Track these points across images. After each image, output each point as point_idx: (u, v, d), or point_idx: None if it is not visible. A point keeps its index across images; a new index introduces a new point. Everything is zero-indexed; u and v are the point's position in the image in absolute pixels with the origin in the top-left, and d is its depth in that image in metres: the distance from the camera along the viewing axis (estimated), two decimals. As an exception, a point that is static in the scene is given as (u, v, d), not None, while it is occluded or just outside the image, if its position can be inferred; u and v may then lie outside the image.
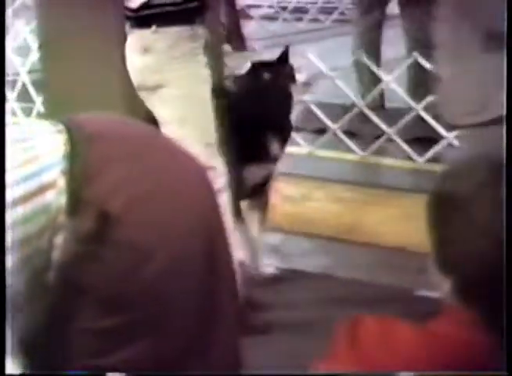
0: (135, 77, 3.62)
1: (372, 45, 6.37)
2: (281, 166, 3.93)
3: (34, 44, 6.51)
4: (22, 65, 6.89)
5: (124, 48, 3.73)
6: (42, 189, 1.66)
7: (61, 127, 1.72)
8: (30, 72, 6.74)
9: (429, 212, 1.51)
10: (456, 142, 4.68)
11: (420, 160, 5.41)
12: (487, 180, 1.45)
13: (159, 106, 3.59)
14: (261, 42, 6.94)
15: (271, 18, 10.85)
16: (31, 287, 1.74)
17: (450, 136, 5.11)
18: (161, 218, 1.73)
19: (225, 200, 3.50)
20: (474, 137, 3.53)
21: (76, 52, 4.85)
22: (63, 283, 1.77)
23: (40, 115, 6.20)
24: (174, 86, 3.59)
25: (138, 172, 1.72)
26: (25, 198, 1.65)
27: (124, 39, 3.78)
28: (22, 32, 6.99)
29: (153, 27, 3.52)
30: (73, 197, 1.66)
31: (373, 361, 1.47)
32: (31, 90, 6.69)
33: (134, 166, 1.72)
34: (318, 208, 4.73)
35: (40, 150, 1.69)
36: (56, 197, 1.66)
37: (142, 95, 3.63)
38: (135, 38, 3.59)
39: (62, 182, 1.66)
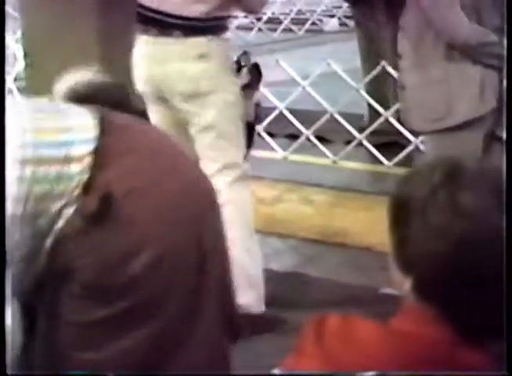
0: (188, 84, 3.53)
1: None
2: (255, 169, 3.93)
3: (19, 53, 6.48)
4: (8, 73, 6.86)
5: (130, 55, 3.72)
6: (69, 160, 1.73)
7: (95, 113, 1.80)
8: (16, 80, 6.71)
9: (389, 214, 1.53)
10: (422, 147, 4.71)
11: (389, 164, 5.43)
12: (441, 183, 1.46)
13: (206, 110, 3.54)
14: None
15: (246, 28, 10.87)
16: (28, 247, 1.77)
17: (417, 141, 5.14)
18: (156, 211, 1.78)
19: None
20: (440, 142, 3.57)
21: (60, 61, 4.84)
22: (56, 256, 1.79)
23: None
24: (224, 91, 3.59)
25: (146, 167, 1.80)
26: (50, 161, 1.72)
27: (129, 46, 3.75)
28: (8, 41, 6.95)
29: (209, 36, 3.53)
30: (91, 177, 1.73)
31: (336, 357, 1.48)
32: (18, 98, 6.66)
33: (144, 161, 1.81)
34: (290, 210, 4.74)
35: (74, 124, 1.78)
36: (80, 172, 1.73)
37: (192, 101, 3.56)
38: (189, 46, 3.53)
39: (88, 161, 1.74)
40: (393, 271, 1.52)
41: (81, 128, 1.78)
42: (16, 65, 6.78)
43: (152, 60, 3.58)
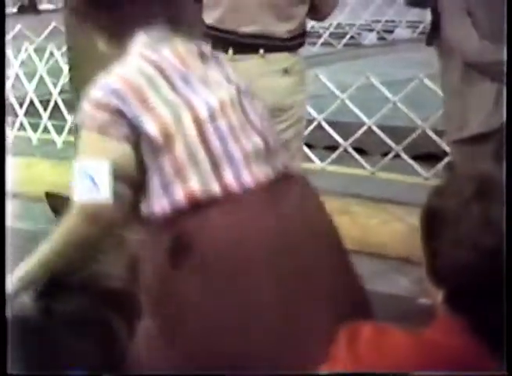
0: (273, 98, 3.43)
1: None
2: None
3: (65, 66, 6.55)
4: (54, 86, 6.93)
5: None
6: None
7: None
8: (61, 92, 6.77)
9: (421, 226, 1.51)
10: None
11: (426, 176, 5.40)
12: (473, 196, 1.45)
13: (286, 126, 3.53)
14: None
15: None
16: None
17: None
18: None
19: None
20: (459, 152, 3.60)
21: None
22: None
23: (71, 132, 6.23)
24: (300, 106, 3.63)
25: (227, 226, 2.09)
26: None
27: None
28: (54, 55, 7.03)
29: (291, 52, 3.55)
30: None
31: (368, 365, 1.47)
32: (63, 109, 6.73)
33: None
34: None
35: None
36: None
37: (273, 115, 3.48)
38: (273, 61, 3.52)
39: None
40: (427, 282, 1.50)
41: None
42: (61, 78, 6.84)
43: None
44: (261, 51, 3.49)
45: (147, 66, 2.21)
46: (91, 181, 2.12)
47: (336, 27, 11.55)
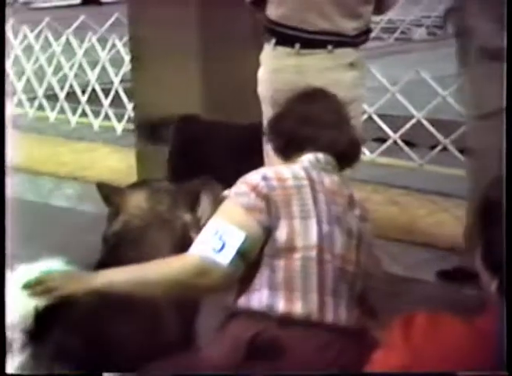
0: (340, 91, 3.45)
1: None
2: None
3: (126, 56, 6.59)
4: (115, 75, 6.97)
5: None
6: None
7: None
8: (122, 81, 6.82)
9: (478, 216, 1.50)
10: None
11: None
12: None
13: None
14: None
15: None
16: None
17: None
18: None
19: None
20: (477, 128, 3.79)
21: (161, 65, 4.91)
22: None
23: (130, 120, 6.28)
24: (361, 100, 3.69)
25: None
26: None
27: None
28: (116, 45, 7.07)
29: (356, 47, 3.59)
30: None
31: (422, 352, 1.47)
32: (123, 97, 6.77)
33: None
34: (376, 211, 4.70)
35: None
36: None
37: None
38: (340, 56, 3.56)
39: None
40: (481, 271, 1.49)
41: None
42: (122, 68, 6.88)
43: (294, 70, 3.58)
44: (330, 47, 3.53)
45: (304, 176, 2.29)
46: (221, 243, 2.16)
47: (387, 23, 11.45)
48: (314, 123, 2.43)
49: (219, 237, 2.16)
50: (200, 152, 4.39)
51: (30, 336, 2.10)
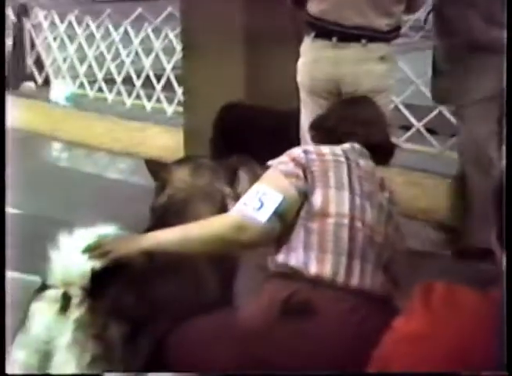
0: (373, 81, 3.55)
1: None
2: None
3: (178, 46, 6.58)
4: (168, 62, 6.97)
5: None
6: None
7: None
8: (173, 68, 6.81)
9: (493, 197, 1.47)
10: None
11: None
12: None
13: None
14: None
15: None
16: None
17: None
18: None
19: None
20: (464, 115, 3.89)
21: (210, 54, 4.90)
22: None
23: (180, 103, 6.27)
24: (390, 91, 3.70)
25: None
26: None
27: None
28: (169, 36, 7.06)
29: (387, 42, 3.61)
30: None
31: (441, 319, 1.45)
32: (174, 83, 6.77)
33: None
34: (399, 192, 4.65)
35: None
36: None
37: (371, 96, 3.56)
38: (373, 50, 3.57)
39: None
40: (496, 249, 1.47)
41: None
42: (174, 56, 6.87)
43: (331, 61, 3.59)
44: (364, 41, 3.54)
45: (341, 154, 2.31)
46: (260, 203, 2.17)
47: (414, 21, 11.32)
48: (353, 121, 2.46)
49: (259, 199, 2.17)
50: (240, 134, 4.38)
51: (87, 293, 2.11)
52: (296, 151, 2.30)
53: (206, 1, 4.93)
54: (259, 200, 2.17)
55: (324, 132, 2.51)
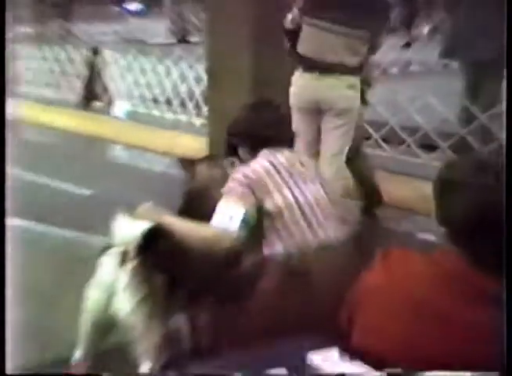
0: (342, 103, 3.51)
1: None
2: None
3: (204, 76, 6.51)
4: (197, 88, 6.90)
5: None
6: None
7: None
8: (201, 92, 6.75)
9: (435, 190, 1.46)
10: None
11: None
12: (472, 173, 1.39)
13: (344, 122, 3.58)
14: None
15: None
16: None
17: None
18: None
19: None
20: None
21: (228, 83, 4.87)
22: None
23: (205, 117, 6.22)
24: (356, 110, 3.60)
25: None
26: None
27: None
28: (198, 69, 6.99)
29: (355, 74, 3.55)
30: None
31: (395, 273, 1.43)
32: (201, 102, 6.73)
33: None
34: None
35: None
36: None
37: (341, 114, 3.57)
38: (344, 80, 3.52)
39: None
40: (436, 225, 1.45)
41: None
42: (201, 83, 6.81)
43: (314, 88, 3.60)
44: (337, 74, 3.54)
45: (267, 164, 2.32)
46: (229, 217, 2.20)
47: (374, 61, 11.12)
48: (259, 124, 2.44)
49: (228, 213, 2.20)
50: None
51: (139, 249, 2.13)
52: (238, 176, 2.29)
53: (226, 47, 4.88)
54: (228, 214, 2.20)
55: (239, 137, 2.47)
